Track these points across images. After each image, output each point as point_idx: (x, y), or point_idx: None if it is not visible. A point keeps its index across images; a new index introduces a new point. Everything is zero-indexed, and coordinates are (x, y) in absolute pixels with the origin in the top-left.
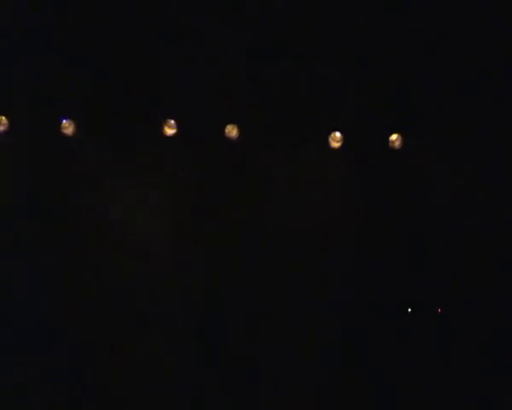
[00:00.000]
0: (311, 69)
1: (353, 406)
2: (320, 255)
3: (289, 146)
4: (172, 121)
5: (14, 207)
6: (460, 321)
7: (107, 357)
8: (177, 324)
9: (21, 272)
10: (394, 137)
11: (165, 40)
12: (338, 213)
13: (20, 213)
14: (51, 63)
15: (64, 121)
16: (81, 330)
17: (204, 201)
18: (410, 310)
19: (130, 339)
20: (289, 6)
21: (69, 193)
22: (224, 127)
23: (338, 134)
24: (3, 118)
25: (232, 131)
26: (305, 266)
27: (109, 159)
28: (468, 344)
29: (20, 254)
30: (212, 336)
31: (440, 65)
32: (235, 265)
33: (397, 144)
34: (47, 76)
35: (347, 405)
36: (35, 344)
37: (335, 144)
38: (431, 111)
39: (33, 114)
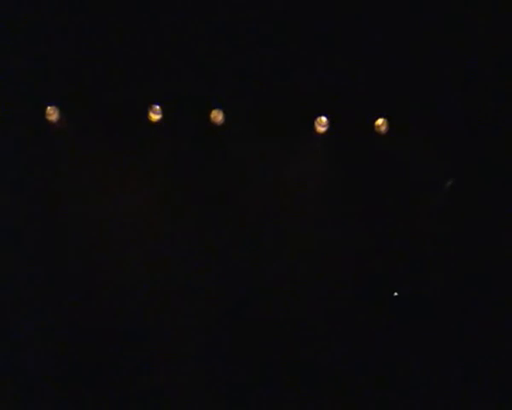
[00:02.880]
0: (297, 57)
1: (353, 406)
2: (304, 246)
3: (274, 134)
4: (157, 107)
5: None
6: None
7: (104, 358)
8: (162, 320)
9: (7, 268)
10: (380, 121)
11: (150, 28)
12: (323, 204)
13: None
14: (37, 53)
15: (48, 108)
16: (70, 328)
17: (188, 192)
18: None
19: (123, 338)
20: None
21: (53, 185)
22: (209, 115)
23: (324, 118)
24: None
25: (217, 116)
26: (288, 255)
27: (94, 152)
28: (466, 343)
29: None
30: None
31: (429, 54)
32: (221, 256)
33: (383, 129)
34: (32, 65)
35: (347, 405)
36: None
37: (321, 129)
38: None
39: (19, 102)
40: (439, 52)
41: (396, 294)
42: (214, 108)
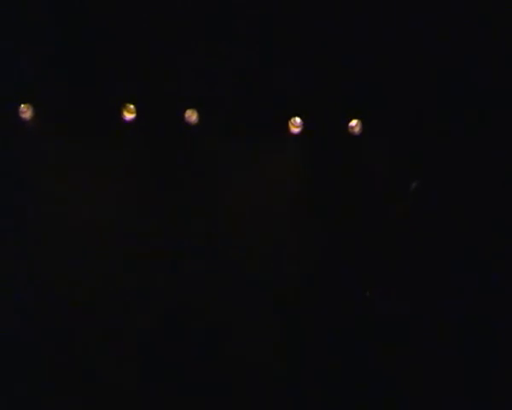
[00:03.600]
0: (269, 56)
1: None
2: (278, 246)
3: (248, 134)
4: (132, 106)
5: None
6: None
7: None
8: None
9: None
10: (354, 122)
11: (124, 24)
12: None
13: None
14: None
15: (22, 106)
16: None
17: (162, 190)
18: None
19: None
20: None
21: (27, 180)
22: (184, 113)
23: (298, 119)
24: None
25: (192, 115)
26: (261, 257)
27: (68, 146)
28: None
29: None
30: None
31: (405, 54)
32: (195, 256)
33: (357, 130)
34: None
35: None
36: None
37: (295, 129)
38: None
39: None
40: (416, 52)
41: (368, 293)
42: (188, 107)
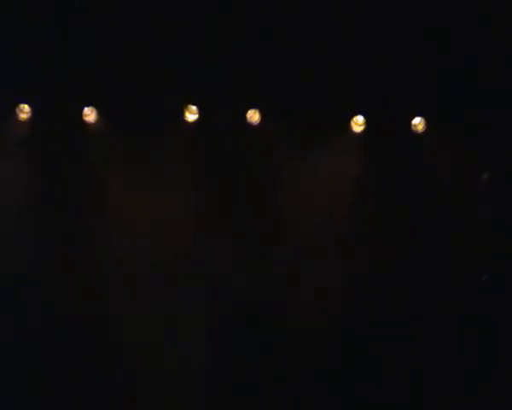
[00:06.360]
0: (329, 54)
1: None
2: (333, 248)
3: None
4: (194, 107)
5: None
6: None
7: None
8: (186, 321)
9: (29, 268)
10: (417, 120)
11: (183, 25)
12: (354, 204)
13: (31, 205)
14: (66, 50)
15: (86, 109)
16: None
17: (219, 192)
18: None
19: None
20: None
21: (82, 185)
22: (244, 114)
23: (360, 118)
24: (26, 106)
25: (254, 116)
26: (317, 258)
27: (122, 150)
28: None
29: (28, 247)
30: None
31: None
32: (252, 257)
33: (420, 128)
34: (64, 63)
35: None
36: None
37: (358, 129)
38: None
39: (52, 102)
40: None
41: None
42: (250, 107)
